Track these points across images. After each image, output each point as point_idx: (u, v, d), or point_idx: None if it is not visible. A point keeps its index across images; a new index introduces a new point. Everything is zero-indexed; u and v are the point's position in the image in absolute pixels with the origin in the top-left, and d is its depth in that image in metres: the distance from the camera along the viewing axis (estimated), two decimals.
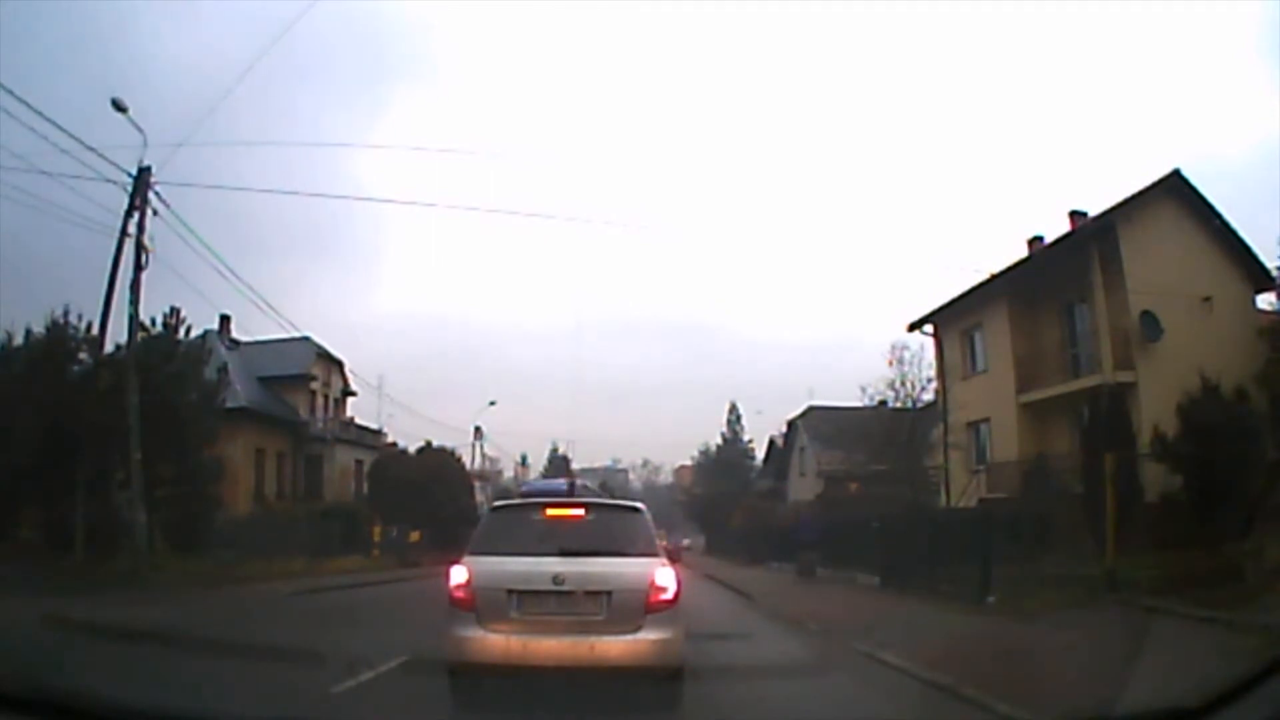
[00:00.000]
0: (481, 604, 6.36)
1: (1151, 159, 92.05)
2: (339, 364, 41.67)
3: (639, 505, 7.71)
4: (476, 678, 6.51)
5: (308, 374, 39.44)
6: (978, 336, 25.43)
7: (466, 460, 48.61)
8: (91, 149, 17.50)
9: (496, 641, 6.26)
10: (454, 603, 6.50)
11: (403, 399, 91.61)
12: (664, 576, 6.55)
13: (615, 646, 6.24)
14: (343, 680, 7.13)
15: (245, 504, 31.02)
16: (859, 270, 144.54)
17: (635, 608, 6.35)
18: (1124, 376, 18.80)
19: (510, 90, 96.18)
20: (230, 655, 8.65)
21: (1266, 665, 3.05)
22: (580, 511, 7.58)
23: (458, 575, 6.54)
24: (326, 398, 41.61)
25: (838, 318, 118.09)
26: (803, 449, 44.74)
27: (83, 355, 19.86)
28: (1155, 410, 16.81)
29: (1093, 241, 20.02)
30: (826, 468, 37.96)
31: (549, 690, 6.38)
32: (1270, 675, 2.97)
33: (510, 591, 6.36)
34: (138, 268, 18.82)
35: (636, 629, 6.30)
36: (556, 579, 6.33)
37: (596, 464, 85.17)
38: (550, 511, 7.49)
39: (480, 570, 6.53)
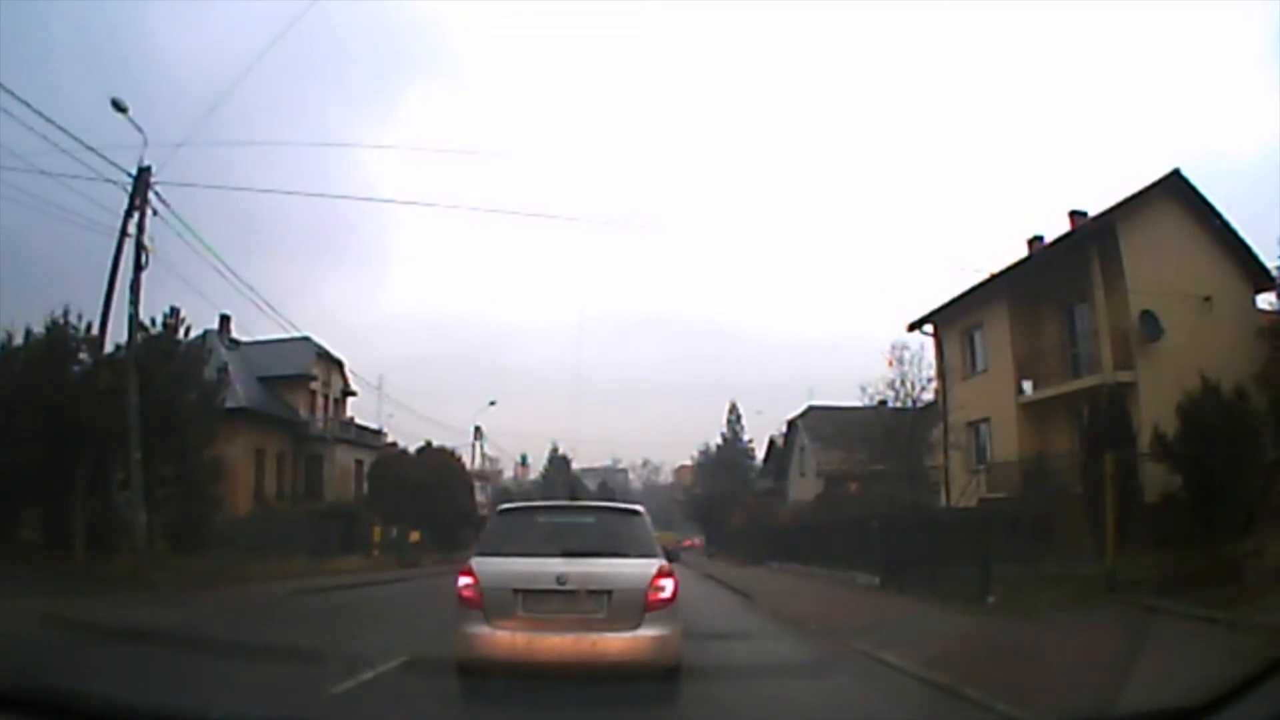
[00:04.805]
0: (489, 602, 6.63)
1: (1152, 159, 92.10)
2: (339, 364, 41.66)
3: (638, 508, 7.99)
4: (481, 678, 6.69)
5: (308, 374, 39.45)
6: (978, 336, 25.41)
7: (466, 460, 48.68)
8: (91, 149, 17.49)
9: (503, 638, 6.53)
10: (462, 601, 6.76)
11: (403, 399, 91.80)
12: (663, 576, 6.81)
13: (616, 643, 6.50)
14: (343, 680, 7.13)
15: (245, 504, 31.01)
16: (860, 270, 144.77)
17: (635, 606, 6.60)
18: (1124, 376, 18.77)
19: (513, 90, 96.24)
20: (230, 655, 8.65)
21: (1266, 665, 3.05)
22: (582, 514, 8.11)
23: (466, 575, 6.82)
24: (326, 398, 41.60)
25: (838, 317, 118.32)
26: (803, 449, 44.74)
27: (83, 355, 19.79)
28: (1155, 410, 16.79)
29: (1093, 241, 19.99)
30: (826, 468, 37.97)
31: (551, 690, 6.46)
32: (1270, 675, 2.97)
33: (516, 591, 6.62)
34: (138, 268, 18.80)
35: (636, 626, 6.56)
36: (560, 579, 6.59)
37: (596, 464, 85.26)
38: (554, 514, 8.02)
39: (487, 570, 6.81)
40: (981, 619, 12.27)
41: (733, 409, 66.09)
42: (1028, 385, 22.02)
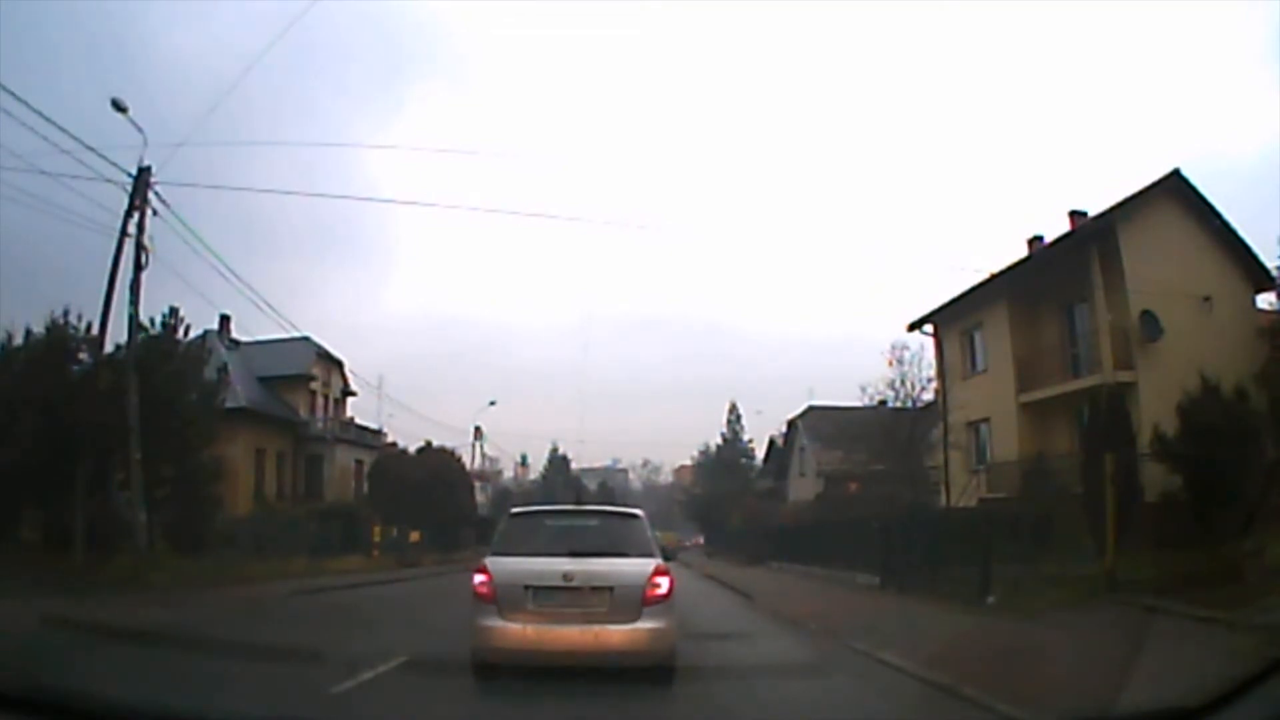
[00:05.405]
0: (502, 598, 7.22)
1: (1152, 159, 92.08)
2: (339, 364, 41.68)
3: (638, 512, 8.60)
4: (482, 678, 7.16)
5: (308, 374, 39.45)
6: (978, 336, 25.41)
7: (466, 460, 48.69)
8: (91, 149, 17.51)
9: (514, 630, 7.09)
10: (478, 597, 7.32)
11: (403, 399, 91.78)
12: (659, 575, 7.37)
13: (616, 635, 7.06)
14: (343, 680, 7.16)
15: (245, 504, 30.99)
16: (860, 270, 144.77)
17: (634, 601, 7.16)
18: (1124, 376, 18.76)
19: (515, 90, 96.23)
20: (230, 655, 8.66)
21: (1266, 665, 3.05)
22: (586, 518, 9.00)
23: (481, 573, 7.41)
24: (326, 398, 41.61)
25: (838, 317, 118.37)
26: (803, 449, 44.73)
27: (83, 355, 19.81)
28: (1155, 410, 16.77)
29: (1093, 241, 19.98)
30: (826, 468, 37.97)
31: (551, 690, 6.62)
32: (1270, 675, 2.97)
33: (527, 587, 7.22)
34: (138, 268, 18.82)
35: (635, 619, 7.12)
36: (566, 576, 7.17)
37: (597, 464, 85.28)
38: (560, 518, 8.90)
39: (500, 569, 7.40)
40: (981, 619, 12.28)
41: (733, 409, 66.21)
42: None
